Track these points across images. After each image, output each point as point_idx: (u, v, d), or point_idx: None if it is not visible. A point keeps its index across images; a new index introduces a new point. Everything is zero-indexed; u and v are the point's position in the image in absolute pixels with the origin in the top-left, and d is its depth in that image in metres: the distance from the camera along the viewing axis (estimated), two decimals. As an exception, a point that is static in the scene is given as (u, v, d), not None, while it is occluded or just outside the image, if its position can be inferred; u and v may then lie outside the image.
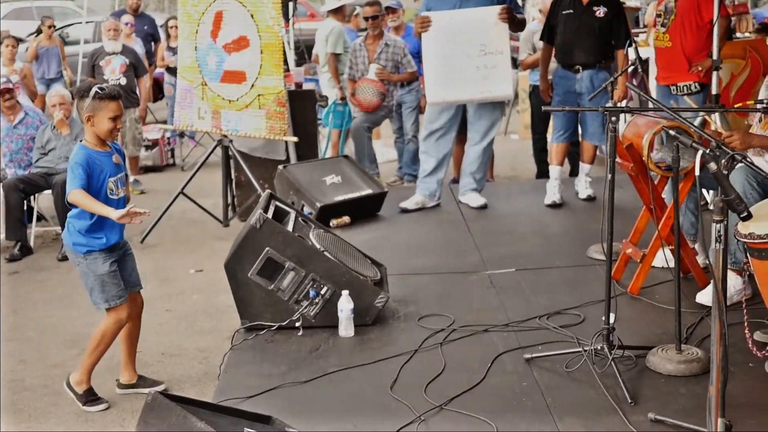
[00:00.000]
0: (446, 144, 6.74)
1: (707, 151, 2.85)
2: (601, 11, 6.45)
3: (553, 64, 6.80)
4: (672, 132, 3.59)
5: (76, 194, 3.98)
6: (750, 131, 4.55)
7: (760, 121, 4.53)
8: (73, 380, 4.26)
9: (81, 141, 4.16)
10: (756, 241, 3.51)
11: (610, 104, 6.12)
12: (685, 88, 6.19)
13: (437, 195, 6.84)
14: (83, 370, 4.25)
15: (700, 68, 6.16)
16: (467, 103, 6.64)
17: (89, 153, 4.07)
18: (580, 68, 6.52)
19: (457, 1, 6.46)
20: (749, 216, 2.72)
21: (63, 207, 6.67)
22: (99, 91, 4.03)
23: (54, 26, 11.67)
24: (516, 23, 6.56)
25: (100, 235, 4.10)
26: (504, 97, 6.65)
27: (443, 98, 6.57)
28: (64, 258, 6.63)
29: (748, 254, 3.70)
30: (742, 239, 3.59)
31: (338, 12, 9.10)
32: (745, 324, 3.64)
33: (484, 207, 6.71)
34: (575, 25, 6.51)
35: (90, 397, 4.24)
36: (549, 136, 7.51)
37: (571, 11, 6.53)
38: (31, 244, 6.97)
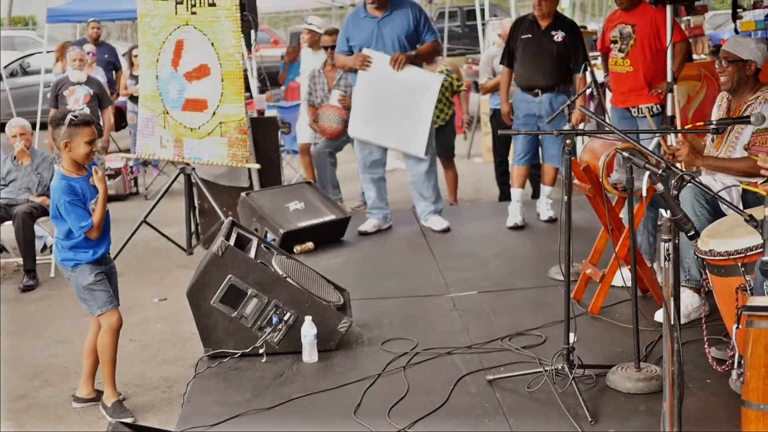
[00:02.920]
0: (378, 169, 6.91)
1: (657, 172, 2.91)
2: (559, 35, 6.56)
3: (513, 87, 6.89)
4: (625, 154, 3.66)
5: (94, 227, 4.28)
6: (704, 151, 4.66)
7: (712, 140, 4.63)
8: (104, 397, 4.45)
9: (59, 169, 4.36)
10: (715, 257, 3.58)
11: (567, 127, 6.22)
12: (646, 110, 6.30)
13: (389, 217, 7.00)
14: (106, 384, 4.43)
15: (659, 91, 6.28)
16: (383, 146, 6.81)
17: (71, 184, 4.28)
18: (540, 92, 6.62)
19: (375, 27, 6.58)
20: (696, 235, 2.78)
21: (24, 237, 6.66)
22: (74, 118, 4.27)
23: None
24: (421, 57, 6.69)
25: (87, 249, 4.33)
26: (417, 155, 6.76)
27: (362, 135, 6.82)
28: (26, 289, 6.59)
29: (707, 271, 3.77)
30: (702, 256, 3.66)
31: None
32: (705, 340, 3.70)
33: (447, 230, 6.77)
34: (534, 49, 6.61)
35: (118, 409, 4.39)
36: (510, 159, 7.59)
37: (530, 36, 6.64)
38: (-8, 276, 6.92)
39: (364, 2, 6.71)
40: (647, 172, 2.96)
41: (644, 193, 2.97)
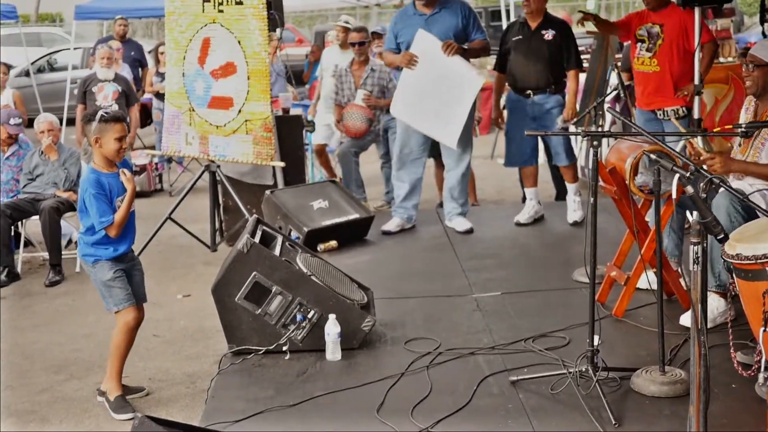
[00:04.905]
0: (418, 169, 6.85)
1: (686, 175, 2.90)
2: (549, 34, 6.57)
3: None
4: (653, 156, 3.64)
5: (115, 224, 4.31)
6: (731, 154, 4.62)
7: (739, 145, 4.60)
8: (106, 388, 4.48)
9: (90, 164, 4.42)
10: (743, 261, 3.54)
11: (560, 123, 6.25)
12: (672, 112, 6.27)
13: (413, 219, 6.96)
14: (110, 378, 4.46)
15: (685, 93, 6.23)
16: (420, 130, 6.71)
17: (100, 178, 4.33)
18: (531, 93, 6.62)
19: (424, 24, 6.55)
20: (726, 238, 2.77)
21: (51, 232, 6.72)
22: (105, 114, 4.34)
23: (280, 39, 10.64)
24: (471, 54, 6.62)
25: (107, 246, 4.38)
26: (449, 146, 6.68)
27: (403, 116, 6.75)
28: (52, 284, 6.64)
29: (733, 275, 3.74)
30: (729, 260, 3.63)
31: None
32: (731, 345, 3.68)
33: (470, 231, 6.76)
34: (525, 49, 6.64)
35: (120, 404, 4.41)
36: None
37: (521, 36, 6.68)
38: (19, 270, 6.97)
39: (413, 0, 6.69)
40: (677, 174, 2.94)
41: (674, 195, 2.95)
